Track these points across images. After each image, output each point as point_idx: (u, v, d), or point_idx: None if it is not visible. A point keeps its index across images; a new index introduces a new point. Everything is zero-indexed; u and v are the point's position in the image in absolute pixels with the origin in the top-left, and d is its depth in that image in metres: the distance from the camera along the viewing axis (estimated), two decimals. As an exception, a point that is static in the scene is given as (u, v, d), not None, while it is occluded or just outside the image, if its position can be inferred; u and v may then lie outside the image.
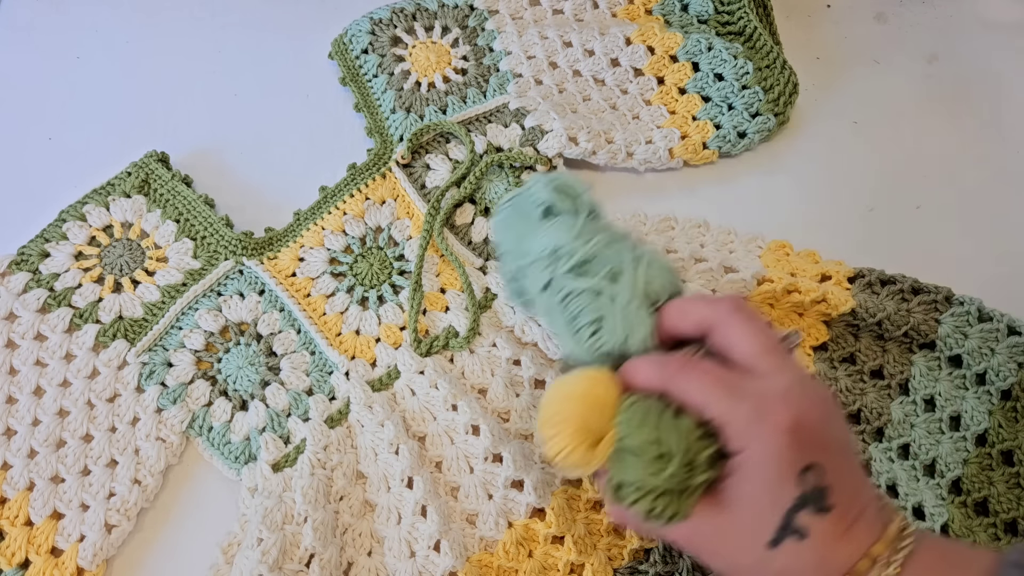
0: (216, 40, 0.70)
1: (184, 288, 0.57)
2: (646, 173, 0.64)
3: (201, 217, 0.59)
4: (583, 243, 0.44)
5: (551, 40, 0.67)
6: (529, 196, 0.47)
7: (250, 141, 0.65)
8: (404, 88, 0.64)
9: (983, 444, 0.51)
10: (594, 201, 0.47)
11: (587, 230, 0.44)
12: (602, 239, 0.44)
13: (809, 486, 0.35)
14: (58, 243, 0.58)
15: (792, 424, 0.35)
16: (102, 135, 0.65)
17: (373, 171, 0.62)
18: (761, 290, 0.55)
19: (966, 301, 0.54)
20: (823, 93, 0.68)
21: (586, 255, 0.43)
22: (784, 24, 0.69)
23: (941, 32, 0.72)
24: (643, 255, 0.43)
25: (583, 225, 0.45)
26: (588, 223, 0.45)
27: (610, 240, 0.44)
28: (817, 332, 0.55)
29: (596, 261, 0.43)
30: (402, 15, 0.67)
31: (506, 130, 0.63)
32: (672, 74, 0.66)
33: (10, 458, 0.51)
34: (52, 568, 0.49)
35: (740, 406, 0.36)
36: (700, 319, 0.40)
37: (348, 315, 0.57)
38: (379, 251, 0.59)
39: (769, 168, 0.65)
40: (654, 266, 0.43)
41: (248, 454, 0.53)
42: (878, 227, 0.62)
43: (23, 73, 0.68)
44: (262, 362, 0.55)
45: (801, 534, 0.35)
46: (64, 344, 0.55)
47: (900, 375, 0.53)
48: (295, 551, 0.48)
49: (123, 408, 0.53)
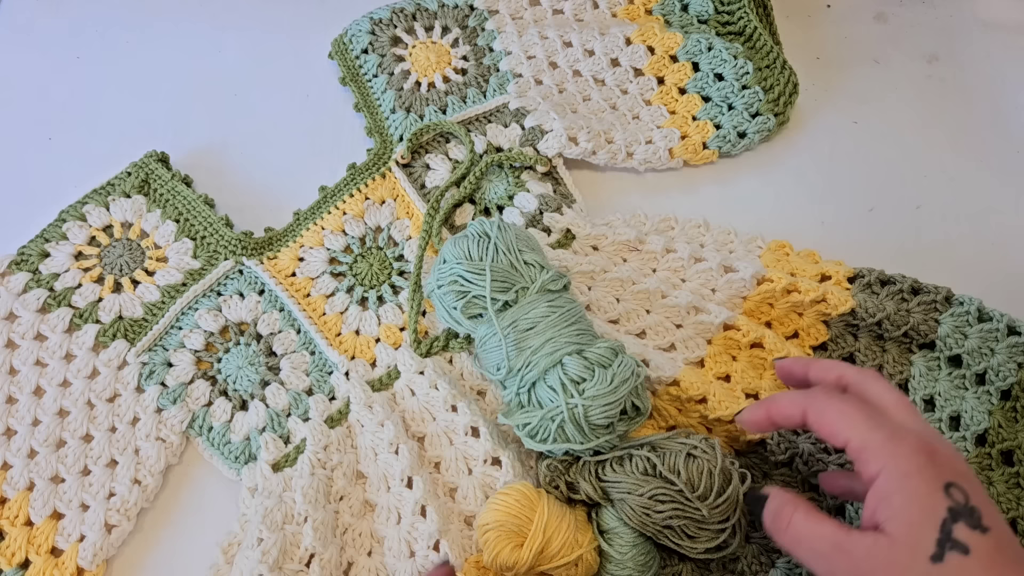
0: (216, 40, 0.70)
1: (184, 288, 0.57)
2: (646, 173, 0.64)
3: (201, 217, 0.59)
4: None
5: (551, 40, 0.67)
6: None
7: (250, 141, 0.65)
8: (404, 88, 0.64)
9: (983, 444, 0.51)
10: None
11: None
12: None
13: (957, 501, 0.35)
14: (58, 243, 0.58)
15: (927, 447, 0.37)
16: (102, 135, 0.65)
17: (373, 171, 0.62)
18: (761, 290, 0.55)
19: (966, 301, 0.54)
20: (823, 93, 0.68)
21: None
22: (784, 24, 0.69)
23: (941, 32, 0.72)
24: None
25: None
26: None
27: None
28: (816, 332, 0.55)
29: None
30: (402, 15, 0.67)
31: (506, 130, 0.63)
32: (672, 74, 0.66)
33: (10, 458, 0.52)
34: (52, 568, 0.49)
35: (878, 432, 0.37)
36: (841, 375, 0.43)
37: (348, 315, 0.57)
38: (379, 251, 0.59)
39: (769, 168, 0.65)
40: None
41: (248, 454, 0.53)
42: (878, 227, 0.62)
43: (23, 73, 0.68)
44: (262, 362, 0.55)
45: (964, 549, 0.34)
46: (64, 344, 0.55)
47: (900, 375, 0.53)
48: (295, 551, 0.48)
49: (123, 408, 0.53)
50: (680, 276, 0.57)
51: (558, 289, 0.50)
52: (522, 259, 0.50)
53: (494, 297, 0.48)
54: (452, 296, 0.50)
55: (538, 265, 0.50)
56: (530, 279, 0.50)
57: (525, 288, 0.49)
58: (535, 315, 0.48)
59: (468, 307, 0.50)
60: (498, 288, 0.49)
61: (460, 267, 0.50)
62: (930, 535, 0.34)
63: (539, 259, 0.51)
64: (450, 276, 0.50)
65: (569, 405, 0.45)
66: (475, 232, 0.51)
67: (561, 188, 0.62)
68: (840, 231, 0.61)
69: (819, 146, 0.66)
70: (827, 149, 0.66)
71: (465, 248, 0.51)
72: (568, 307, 0.49)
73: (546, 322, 0.47)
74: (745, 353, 0.55)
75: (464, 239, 0.51)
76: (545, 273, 0.50)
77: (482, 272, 0.49)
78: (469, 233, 0.51)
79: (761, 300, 0.55)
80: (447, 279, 0.51)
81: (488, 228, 0.51)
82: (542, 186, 0.61)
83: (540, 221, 0.60)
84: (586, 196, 0.62)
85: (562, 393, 0.46)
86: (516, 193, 0.61)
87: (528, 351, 0.48)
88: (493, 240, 0.50)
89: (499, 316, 0.49)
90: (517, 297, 0.49)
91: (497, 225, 0.51)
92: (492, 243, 0.50)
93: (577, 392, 0.46)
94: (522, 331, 0.49)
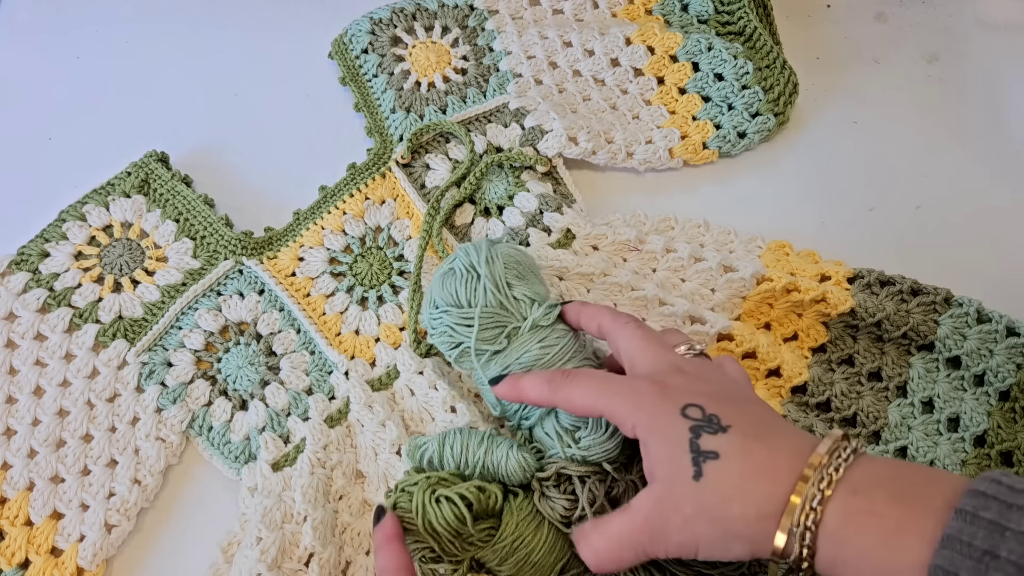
0: (216, 40, 0.70)
1: (184, 288, 0.57)
2: (646, 173, 0.64)
3: (201, 217, 0.59)
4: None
5: (551, 40, 0.67)
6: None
7: (250, 141, 0.65)
8: (404, 88, 0.64)
9: (982, 445, 0.51)
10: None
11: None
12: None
13: (694, 418, 0.38)
14: (58, 243, 0.58)
15: (657, 385, 0.40)
16: (102, 135, 0.65)
17: (373, 171, 0.62)
18: (760, 289, 0.55)
19: (965, 302, 0.54)
20: (823, 93, 0.68)
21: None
22: (784, 24, 0.69)
23: (941, 32, 0.72)
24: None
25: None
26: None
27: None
28: (816, 333, 0.55)
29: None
30: (402, 15, 0.67)
31: (506, 130, 0.63)
32: (672, 74, 0.66)
33: (10, 458, 0.52)
34: (52, 568, 0.49)
35: (617, 395, 0.41)
36: (600, 324, 0.46)
37: (348, 315, 0.57)
38: (379, 251, 0.59)
39: (769, 168, 0.65)
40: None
41: (248, 453, 0.53)
42: (878, 227, 0.62)
43: (23, 73, 0.68)
44: (262, 362, 0.55)
45: (715, 454, 0.37)
46: (64, 344, 0.55)
47: (899, 377, 0.53)
48: (294, 550, 0.48)
49: (123, 408, 0.53)
50: (680, 276, 0.57)
51: (551, 323, 0.48)
52: (512, 295, 0.49)
53: (484, 349, 0.48)
54: (445, 345, 0.49)
55: (528, 300, 0.49)
56: (521, 316, 0.48)
57: (517, 328, 0.48)
58: (527, 359, 0.47)
59: (462, 357, 0.49)
60: (488, 337, 0.48)
61: (449, 317, 0.49)
62: (685, 459, 0.37)
63: (529, 291, 0.49)
64: (441, 328, 0.49)
65: (567, 454, 0.45)
66: (462, 267, 0.49)
67: (561, 188, 0.62)
68: (840, 231, 0.61)
69: (819, 146, 0.66)
70: (827, 149, 0.66)
71: (453, 290, 0.49)
72: (560, 344, 0.48)
73: (539, 365, 0.47)
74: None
75: (452, 278, 0.49)
76: (536, 309, 0.48)
77: (470, 322, 0.48)
78: (457, 268, 0.49)
79: (761, 300, 0.55)
80: (438, 330, 0.49)
81: (477, 261, 0.49)
82: (542, 186, 0.61)
83: (540, 221, 0.60)
84: (586, 196, 0.62)
85: (558, 442, 0.46)
86: (516, 193, 0.61)
87: None
88: (483, 279, 0.49)
89: (493, 362, 0.48)
90: (509, 341, 0.48)
91: (485, 257, 0.49)
92: (482, 282, 0.48)
93: (572, 441, 0.45)
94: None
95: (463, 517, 0.43)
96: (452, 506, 0.43)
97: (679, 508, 0.37)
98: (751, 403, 0.40)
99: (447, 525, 0.43)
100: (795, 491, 0.35)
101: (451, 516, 0.43)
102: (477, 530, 0.44)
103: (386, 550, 0.42)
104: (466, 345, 0.48)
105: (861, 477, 0.35)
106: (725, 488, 0.36)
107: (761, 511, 0.35)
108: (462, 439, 0.47)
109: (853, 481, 0.35)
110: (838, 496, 0.34)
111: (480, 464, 0.46)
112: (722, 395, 0.40)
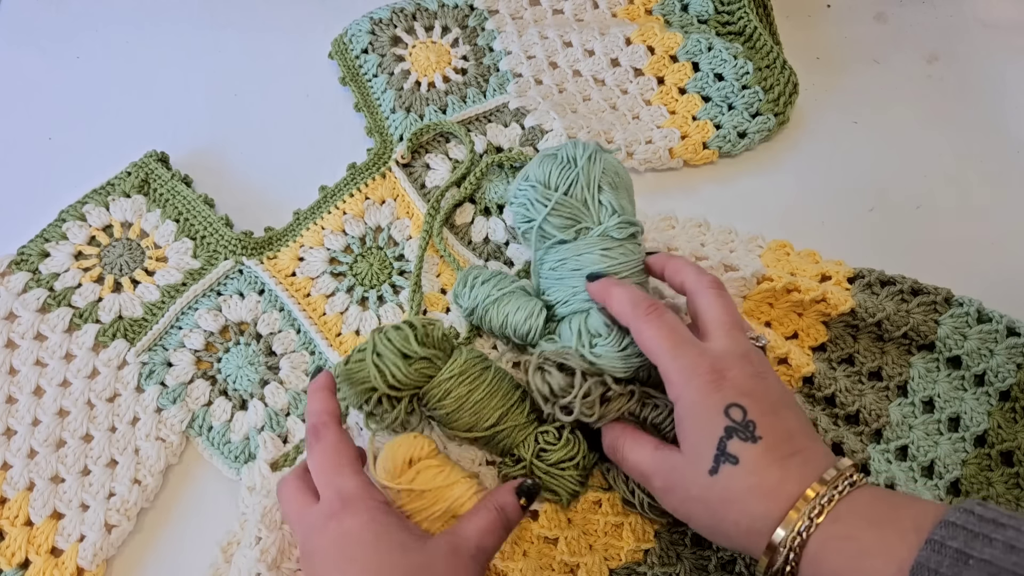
0: (216, 40, 0.70)
1: (184, 288, 0.57)
2: (646, 173, 0.64)
3: (201, 217, 0.59)
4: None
5: (551, 40, 0.67)
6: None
7: (250, 141, 0.65)
8: (404, 88, 0.64)
9: (982, 445, 0.51)
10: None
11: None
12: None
13: (734, 419, 0.40)
14: (58, 243, 0.58)
15: (716, 373, 0.41)
16: (102, 135, 0.65)
17: (373, 171, 0.62)
18: (761, 289, 0.55)
19: (965, 302, 0.54)
20: (823, 93, 0.68)
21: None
22: (784, 24, 0.69)
23: (941, 32, 0.72)
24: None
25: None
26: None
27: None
28: (816, 333, 0.55)
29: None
30: (402, 15, 0.67)
31: (506, 130, 0.63)
32: (672, 74, 0.66)
33: (10, 458, 0.52)
34: (52, 568, 0.49)
35: (678, 360, 0.42)
36: (684, 281, 0.47)
37: (348, 315, 0.57)
38: (379, 251, 0.59)
39: (769, 168, 0.65)
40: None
41: (248, 453, 0.53)
42: (878, 227, 0.62)
43: (23, 73, 0.68)
44: (262, 361, 0.55)
45: (734, 460, 0.39)
46: (64, 344, 0.55)
47: (899, 376, 0.53)
48: (293, 550, 0.48)
49: (123, 408, 0.53)
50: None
51: (621, 238, 0.49)
52: (598, 198, 0.49)
53: (551, 234, 0.49)
54: (520, 217, 0.51)
55: (610, 208, 0.49)
56: (597, 221, 0.49)
57: (588, 229, 0.49)
58: (586, 260, 0.48)
59: (528, 233, 0.51)
60: (560, 224, 0.49)
61: (534, 192, 0.50)
62: (709, 452, 0.40)
63: (615, 201, 0.49)
64: (523, 199, 0.50)
65: (579, 352, 0.47)
66: (566, 155, 0.50)
67: (561, 188, 0.62)
68: (840, 231, 0.61)
69: (819, 146, 0.66)
70: (827, 149, 0.66)
71: (548, 170, 0.50)
72: (620, 262, 0.48)
73: (594, 270, 0.48)
74: None
75: (551, 159, 0.50)
76: (614, 218, 0.49)
77: (548, 203, 0.49)
78: (560, 154, 0.50)
79: (761, 299, 0.55)
80: (519, 200, 0.51)
81: (579, 154, 0.50)
82: (542, 186, 0.61)
83: (540, 221, 0.60)
84: (586, 196, 0.62)
85: (576, 340, 0.47)
86: (516, 193, 0.61)
87: (568, 289, 0.49)
88: (578, 172, 0.49)
89: (554, 250, 0.50)
90: (577, 236, 0.49)
91: (589, 155, 0.50)
92: (575, 173, 0.49)
93: (590, 344, 0.47)
94: (570, 270, 0.49)
95: (407, 337, 0.46)
96: (396, 331, 0.46)
97: (687, 486, 0.41)
98: (791, 413, 0.42)
99: (392, 348, 0.46)
100: (785, 520, 0.38)
101: (397, 340, 0.46)
102: (422, 358, 0.46)
103: (316, 396, 0.47)
104: (537, 223, 0.49)
105: (846, 506, 0.38)
106: (731, 493, 0.39)
107: (753, 527, 0.39)
108: (484, 278, 0.52)
109: (839, 509, 0.38)
110: (823, 524, 0.37)
111: (490, 299, 0.51)
112: (768, 399, 0.41)
